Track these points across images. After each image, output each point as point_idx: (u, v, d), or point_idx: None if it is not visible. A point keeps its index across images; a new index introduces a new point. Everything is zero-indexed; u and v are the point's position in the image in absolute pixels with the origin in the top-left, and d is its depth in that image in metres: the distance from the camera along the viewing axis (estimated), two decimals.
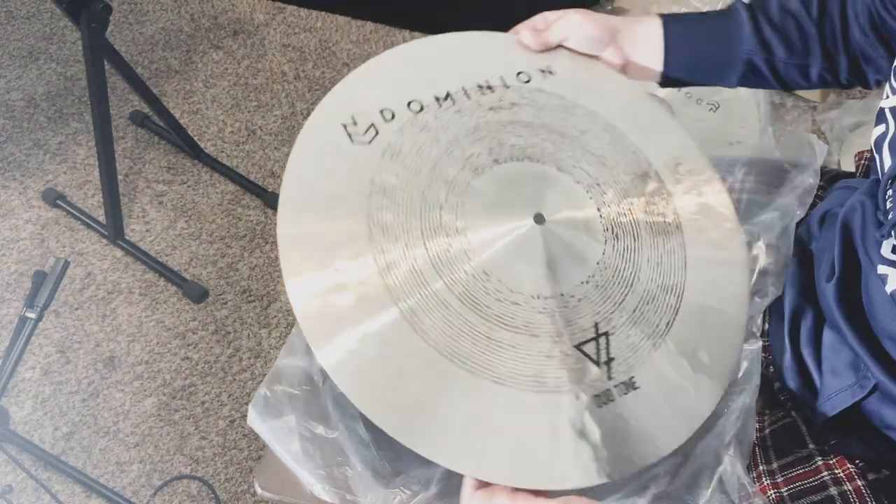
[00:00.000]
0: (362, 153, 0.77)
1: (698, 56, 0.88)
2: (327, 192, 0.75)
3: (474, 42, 0.89)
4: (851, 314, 0.75)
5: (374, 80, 0.82)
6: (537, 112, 0.84)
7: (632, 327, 0.75)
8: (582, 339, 0.73)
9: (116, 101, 1.85)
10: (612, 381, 0.72)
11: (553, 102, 0.85)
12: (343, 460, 0.79)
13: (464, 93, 0.83)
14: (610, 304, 0.76)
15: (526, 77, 0.86)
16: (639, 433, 0.71)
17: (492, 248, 0.75)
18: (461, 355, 0.70)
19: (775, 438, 0.81)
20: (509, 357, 0.71)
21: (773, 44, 0.85)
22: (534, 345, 0.72)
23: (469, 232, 0.75)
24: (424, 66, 0.85)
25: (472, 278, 0.73)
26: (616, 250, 0.79)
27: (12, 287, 1.58)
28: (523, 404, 0.69)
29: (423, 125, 0.79)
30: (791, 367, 0.81)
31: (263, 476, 0.88)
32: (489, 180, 0.78)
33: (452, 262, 0.73)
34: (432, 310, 0.71)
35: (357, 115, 0.79)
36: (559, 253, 0.77)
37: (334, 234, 0.73)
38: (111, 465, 1.37)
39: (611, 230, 0.80)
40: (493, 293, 0.73)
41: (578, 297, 0.76)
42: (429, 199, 0.76)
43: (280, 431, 0.80)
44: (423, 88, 0.82)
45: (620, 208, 0.81)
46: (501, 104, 0.83)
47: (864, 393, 0.74)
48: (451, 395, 0.68)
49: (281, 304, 1.56)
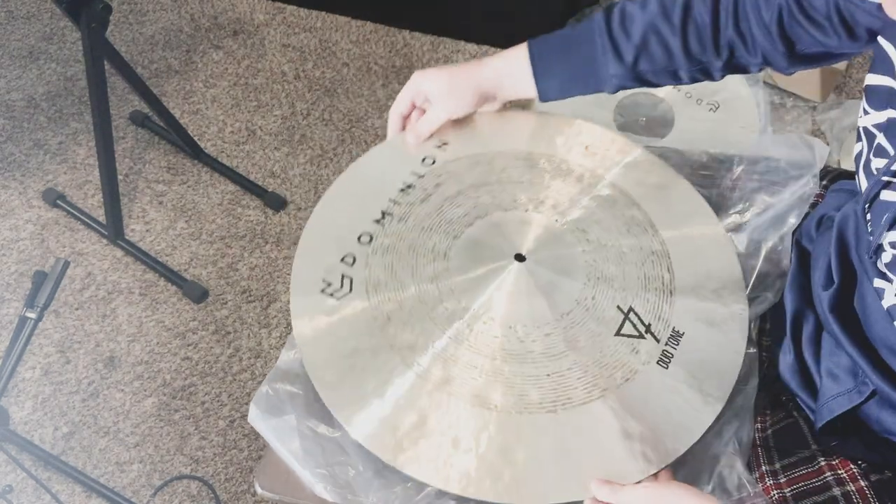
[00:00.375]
0: (351, 301, 0.83)
1: (567, 83, 0.91)
2: (348, 348, 0.80)
3: (375, 159, 0.97)
4: (847, 323, 0.75)
5: (322, 237, 0.89)
6: (458, 179, 0.93)
7: (645, 292, 0.85)
8: (617, 326, 0.82)
9: (116, 101, 1.85)
10: (662, 342, 0.81)
11: (463, 164, 0.94)
12: (345, 459, 0.79)
13: (393, 203, 0.91)
14: (617, 285, 0.85)
15: (430, 160, 0.94)
16: (707, 368, 0.80)
17: (501, 304, 0.83)
18: (533, 405, 0.76)
19: (778, 439, 0.81)
20: (575, 377, 0.79)
21: (637, 61, 0.87)
22: (582, 356, 0.79)
23: (475, 304, 0.82)
24: (350, 203, 0.92)
25: (504, 339, 0.80)
26: (591, 242, 0.88)
27: (12, 287, 1.58)
28: (591, 415, 0.76)
29: (381, 248, 0.87)
30: (792, 368, 0.81)
31: (263, 476, 0.88)
32: (460, 257, 0.86)
33: (479, 337, 0.80)
34: (494, 382, 0.77)
35: (326, 275, 0.85)
36: (553, 271, 0.85)
37: (374, 376, 0.78)
38: (111, 465, 1.37)
39: (575, 230, 0.89)
40: (527, 339, 0.81)
41: (591, 297, 0.84)
42: (428, 300, 0.83)
43: (281, 430, 0.80)
44: (363, 219, 0.89)
45: (569, 207, 0.91)
46: (428, 191, 0.91)
47: (862, 398, 0.74)
48: (531, 442, 0.75)
49: (281, 304, 1.56)
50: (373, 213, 0.89)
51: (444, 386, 0.77)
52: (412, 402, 0.76)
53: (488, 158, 0.94)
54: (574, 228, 0.89)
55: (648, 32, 0.86)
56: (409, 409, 0.76)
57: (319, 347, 0.80)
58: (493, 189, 0.92)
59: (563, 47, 0.89)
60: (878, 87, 0.72)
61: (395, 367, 0.78)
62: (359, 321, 0.81)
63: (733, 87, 1.40)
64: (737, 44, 0.85)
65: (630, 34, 0.86)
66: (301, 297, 0.84)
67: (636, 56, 0.87)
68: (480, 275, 0.85)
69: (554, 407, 0.76)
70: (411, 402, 0.77)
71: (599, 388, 0.78)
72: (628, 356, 0.80)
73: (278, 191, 1.71)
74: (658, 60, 0.87)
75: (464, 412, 0.76)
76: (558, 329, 0.81)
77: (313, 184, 1.73)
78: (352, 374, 0.78)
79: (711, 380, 0.79)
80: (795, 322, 0.82)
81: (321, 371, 0.79)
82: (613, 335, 0.81)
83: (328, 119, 1.83)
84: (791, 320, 0.82)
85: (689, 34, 0.85)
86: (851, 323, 0.75)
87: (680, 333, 0.82)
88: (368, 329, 0.80)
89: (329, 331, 0.81)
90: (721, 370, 0.80)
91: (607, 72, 0.88)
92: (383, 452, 0.74)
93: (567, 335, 0.81)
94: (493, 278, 0.84)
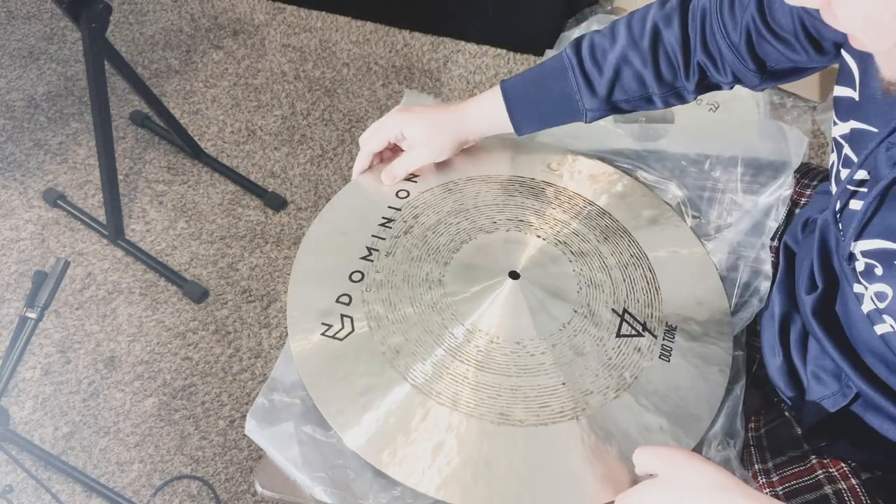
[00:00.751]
0: (354, 341, 0.84)
1: (544, 120, 0.94)
2: (359, 387, 0.81)
3: (348, 198, 0.99)
4: (830, 327, 0.76)
5: (312, 282, 0.89)
6: (435, 209, 0.96)
7: (634, 293, 0.88)
8: (615, 327, 0.85)
9: (117, 101, 1.85)
10: (659, 337, 0.85)
11: (437, 194, 0.97)
12: (343, 462, 0.79)
13: (377, 238, 0.92)
14: (607, 289, 0.88)
15: (405, 192, 0.97)
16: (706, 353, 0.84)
17: (505, 321, 0.85)
18: (555, 415, 0.78)
19: (770, 438, 0.82)
20: (588, 382, 0.80)
21: (611, 94, 0.89)
22: (590, 361, 0.82)
23: (479, 325, 0.84)
24: (333, 244, 0.93)
25: (515, 355, 0.82)
26: (574, 253, 0.92)
27: (13, 287, 1.58)
28: (612, 416, 0.78)
29: (375, 284, 0.88)
30: (781, 370, 0.82)
31: (263, 475, 0.88)
32: (454, 280, 0.88)
33: (490, 357, 0.82)
34: (516, 401, 0.79)
35: (324, 317, 0.85)
36: (546, 285, 0.88)
37: (387, 412, 0.79)
38: (111, 465, 1.37)
39: (557, 243, 0.93)
40: (536, 352, 0.82)
41: (587, 303, 0.87)
42: (433, 328, 0.84)
43: (279, 439, 0.80)
44: (350, 258, 0.91)
45: (546, 222, 0.95)
46: (408, 223, 0.94)
47: (847, 401, 0.75)
48: (560, 451, 0.76)
49: (281, 304, 1.56)
50: (359, 251, 0.91)
51: (465, 408, 0.78)
52: (435, 429, 0.77)
53: (460, 186, 0.98)
54: (556, 241, 0.93)
55: (620, 64, 0.87)
56: (434, 435, 0.77)
57: (329, 391, 0.81)
58: (471, 214, 0.95)
59: (536, 86, 0.92)
60: (843, 99, 0.73)
61: (414, 403, 0.79)
62: (366, 359, 0.82)
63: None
64: (707, 65, 0.86)
65: (602, 69, 0.88)
66: (302, 343, 0.84)
67: (610, 89, 0.89)
68: (478, 296, 0.87)
69: (575, 414, 0.78)
70: (434, 428, 0.77)
71: (613, 389, 0.80)
72: (634, 353, 0.83)
73: (278, 191, 1.72)
74: (631, 90, 0.89)
75: (489, 432, 0.77)
76: (563, 339, 0.84)
77: (313, 184, 1.73)
78: (365, 412, 0.79)
79: (711, 365, 0.83)
80: (783, 324, 0.83)
81: (331, 410, 0.79)
82: (615, 336, 0.84)
83: (328, 119, 1.83)
84: (779, 322, 0.83)
85: (661, 61, 0.87)
86: (834, 327, 0.76)
87: (673, 327, 0.86)
88: (380, 368, 0.81)
89: (335, 372, 0.81)
90: (720, 358, 0.84)
91: (583, 106, 0.91)
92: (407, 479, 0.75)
93: (573, 343, 0.83)
94: (491, 298, 0.86)
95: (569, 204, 0.97)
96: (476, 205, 0.96)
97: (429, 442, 0.76)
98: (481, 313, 0.85)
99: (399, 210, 0.95)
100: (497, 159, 1.02)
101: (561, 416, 0.78)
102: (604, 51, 0.88)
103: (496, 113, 0.93)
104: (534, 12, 1.83)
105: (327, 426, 0.80)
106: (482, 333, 0.84)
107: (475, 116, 0.94)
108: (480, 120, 0.94)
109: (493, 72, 1.89)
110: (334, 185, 1.72)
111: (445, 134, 0.94)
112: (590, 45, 0.88)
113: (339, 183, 1.73)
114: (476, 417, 0.77)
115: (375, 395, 0.79)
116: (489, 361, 0.81)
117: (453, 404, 0.78)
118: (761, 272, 0.91)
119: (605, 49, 0.87)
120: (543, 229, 0.94)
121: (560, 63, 0.90)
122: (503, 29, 1.88)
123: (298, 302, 0.87)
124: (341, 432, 0.77)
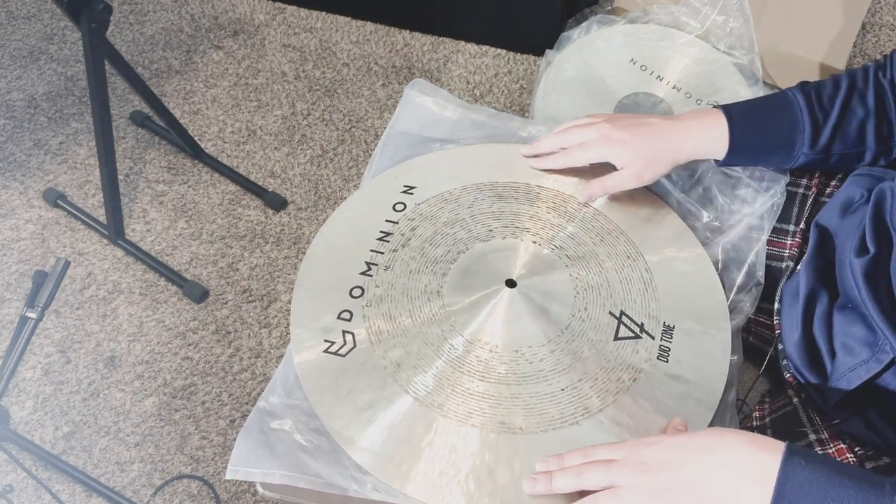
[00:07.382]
0: (356, 357, 0.84)
1: (756, 157, 0.92)
2: (363, 402, 0.81)
3: (346, 215, 0.99)
4: (877, 289, 0.77)
5: (313, 299, 0.90)
6: (432, 220, 0.96)
7: (630, 294, 0.89)
8: (613, 330, 0.85)
9: (117, 101, 1.85)
10: (657, 338, 0.84)
11: (433, 205, 0.98)
12: (343, 461, 0.79)
13: (376, 253, 0.93)
14: (603, 292, 0.89)
15: (401, 205, 0.98)
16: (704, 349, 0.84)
17: (503, 329, 0.85)
18: (555, 421, 0.78)
19: (775, 426, 0.83)
20: (588, 387, 0.80)
21: (831, 142, 0.89)
22: (589, 365, 0.82)
23: (478, 335, 0.85)
24: (335, 258, 0.94)
25: (514, 363, 0.82)
26: (570, 257, 0.92)
27: (13, 287, 1.58)
28: (611, 420, 0.79)
29: (375, 299, 0.89)
30: (798, 346, 0.84)
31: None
32: (452, 291, 0.89)
33: (490, 366, 0.82)
34: (516, 409, 0.79)
35: (326, 333, 0.86)
36: (543, 291, 0.89)
37: (390, 425, 0.79)
38: (111, 465, 1.37)
39: (553, 247, 0.93)
40: (535, 360, 0.82)
41: (585, 307, 0.87)
42: (432, 340, 0.85)
43: (267, 468, 0.80)
44: (350, 273, 0.91)
45: (542, 227, 0.95)
46: (406, 236, 0.95)
47: (880, 367, 0.75)
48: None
49: (281, 304, 1.56)
50: (358, 267, 0.92)
51: (466, 418, 0.78)
52: (437, 440, 0.77)
53: (455, 196, 0.99)
54: (552, 246, 0.93)
55: (847, 113, 0.88)
56: (436, 446, 0.77)
57: (334, 408, 0.81)
58: (467, 223, 0.96)
59: (759, 117, 0.90)
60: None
61: (416, 414, 0.79)
62: (368, 374, 0.82)
63: (733, 87, 1.40)
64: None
65: (828, 114, 0.88)
66: (305, 359, 0.84)
67: (832, 136, 0.88)
68: (476, 306, 0.87)
69: (575, 419, 0.78)
70: (436, 439, 0.77)
71: (612, 392, 0.80)
72: (633, 356, 0.84)
73: (278, 191, 1.72)
74: (850, 142, 0.89)
75: (491, 440, 0.77)
76: (561, 344, 0.84)
77: (313, 184, 1.73)
78: (369, 426, 0.79)
79: (709, 366, 0.84)
80: (808, 302, 0.84)
81: (337, 426, 0.79)
82: (612, 339, 0.85)
83: (328, 119, 1.83)
84: (804, 299, 0.84)
85: (882, 117, 0.88)
86: (881, 288, 0.77)
87: (671, 327, 0.86)
88: (382, 382, 0.81)
89: (339, 388, 0.82)
90: (717, 358, 0.85)
91: (800, 149, 0.90)
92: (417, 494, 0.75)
93: (571, 348, 0.84)
94: (488, 308, 0.87)
95: (563, 207, 0.97)
96: (472, 214, 0.97)
97: (431, 453, 0.76)
98: (479, 323, 0.86)
99: (396, 223, 0.96)
100: (491, 166, 1.03)
101: (561, 423, 0.78)
102: (831, 97, 0.88)
103: (715, 136, 0.90)
104: (534, 12, 1.83)
105: (323, 429, 0.80)
106: (481, 343, 0.84)
107: (695, 137, 0.91)
108: (699, 140, 0.91)
109: (493, 72, 1.89)
110: (334, 185, 1.72)
111: (665, 158, 0.92)
112: (816, 90, 0.88)
113: (339, 183, 1.73)
114: (478, 427, 0.78)
115: (378, 409, 0.80)
116: (489, 371, 0.82)
117: (454, 415, 0.79)
118: (756, 273, 0.92)
119: (833, 96, 0.88)
120: (539, 234, 0.94)
121: (785, 99, 0.90)
122: (503, 29, 1.88)
123: (301, 320, 0.88)
124: (347, 448, 0.78)
